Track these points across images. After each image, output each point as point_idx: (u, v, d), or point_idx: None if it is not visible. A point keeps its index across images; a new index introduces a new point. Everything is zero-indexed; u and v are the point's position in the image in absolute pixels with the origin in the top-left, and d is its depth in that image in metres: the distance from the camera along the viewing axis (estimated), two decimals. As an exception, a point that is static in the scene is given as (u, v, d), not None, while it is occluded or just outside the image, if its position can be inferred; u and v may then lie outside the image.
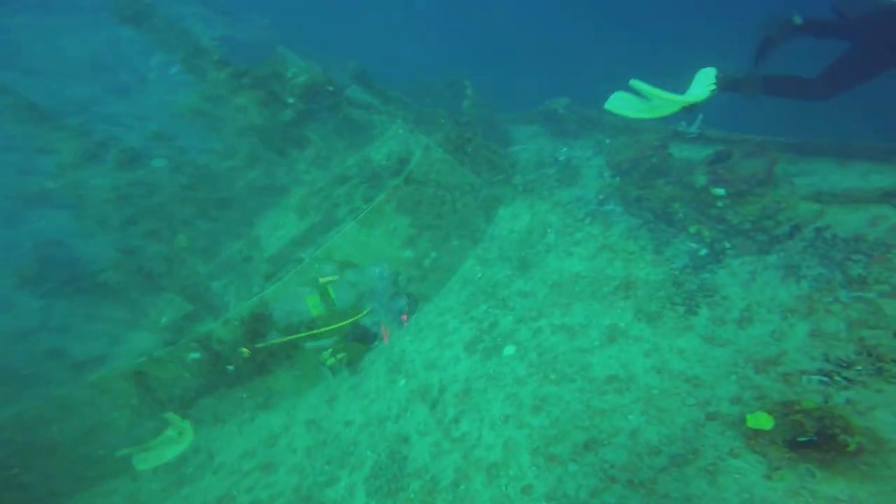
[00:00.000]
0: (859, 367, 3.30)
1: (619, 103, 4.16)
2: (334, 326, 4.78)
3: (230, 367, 5.62)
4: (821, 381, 3.39)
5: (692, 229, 4.77)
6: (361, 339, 4.99)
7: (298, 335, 4.88)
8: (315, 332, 4.85)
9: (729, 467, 3.33)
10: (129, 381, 5.58)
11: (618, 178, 5.78)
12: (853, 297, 3.62)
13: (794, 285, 4.00)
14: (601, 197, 6.17)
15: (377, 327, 4.89)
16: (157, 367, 5.63)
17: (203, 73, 10.02)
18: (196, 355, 5.54)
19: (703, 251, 4.78)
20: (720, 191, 4.11)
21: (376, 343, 4.99)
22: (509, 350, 5.10)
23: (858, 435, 2.90)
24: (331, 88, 10.32)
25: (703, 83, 3.90)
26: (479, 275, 6.18)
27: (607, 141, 6.67)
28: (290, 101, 10.09)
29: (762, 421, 3.25)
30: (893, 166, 4.12)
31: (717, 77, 3.91)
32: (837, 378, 3.34)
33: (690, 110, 3.95)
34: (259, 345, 5.03)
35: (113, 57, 15.53)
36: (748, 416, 3.31)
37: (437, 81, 9.45)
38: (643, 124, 6.48)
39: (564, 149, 7.36)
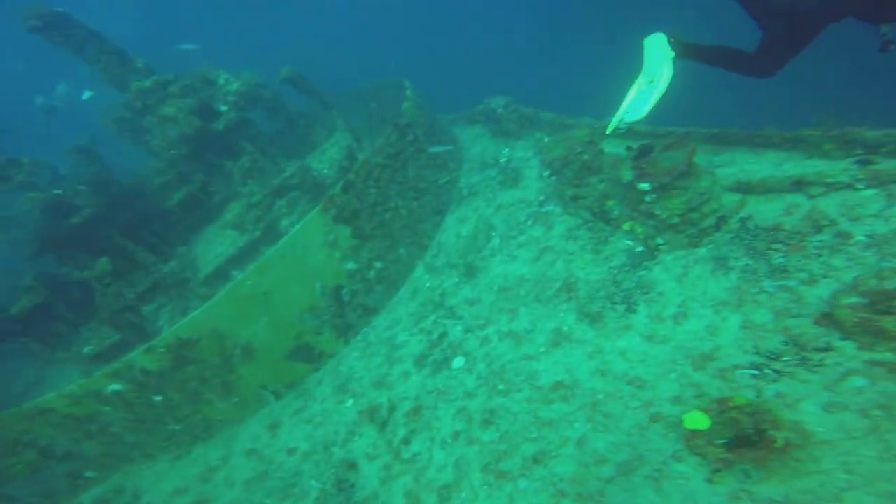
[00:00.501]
0: (786, 358, 3.35)
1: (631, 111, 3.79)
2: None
3: (157, 398, 5.21)
4: (752, 375, 3.42)
5: (626, 227, 4.78)
6: (307, 358, 4.73)
7: None
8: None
9: (673, 472, 3.32)
10: (32, 422, 5.06)
11: (554, 178, 5.75)
12: (777, 287, 3.69)
13: (723, 278, 4.06)
14: (542, 198, 6.13)
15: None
16: (71, 403, 5.14)
17: (125, 84, 9.33)
18: (117, 387, 5.09)
19: (640, 248, 4.79)
20: (645, 185, 4.10)
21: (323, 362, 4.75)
22: (458, 362, 4.97)
23: (785, 429, 2.92)
24: (266, 95, 9.87)
25: (658, 55, 3.62)
26: (428, 283, 6.02)
27: (546, 139, 6.65)
28: (223, 109, 9.58)
29: (698, 421, 3.24)
30: (802, 154, 4.23)
31: (670, 43, 3.68)
32: (767, 371, 3.39)
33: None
34: None
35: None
36: (685, 417, 3.30)
37: (380, 85, 9.19)
38: (579, 121, 6.50)
39: (506, 149, 7.30)
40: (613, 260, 4.95)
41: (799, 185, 3.97)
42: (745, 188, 4.30)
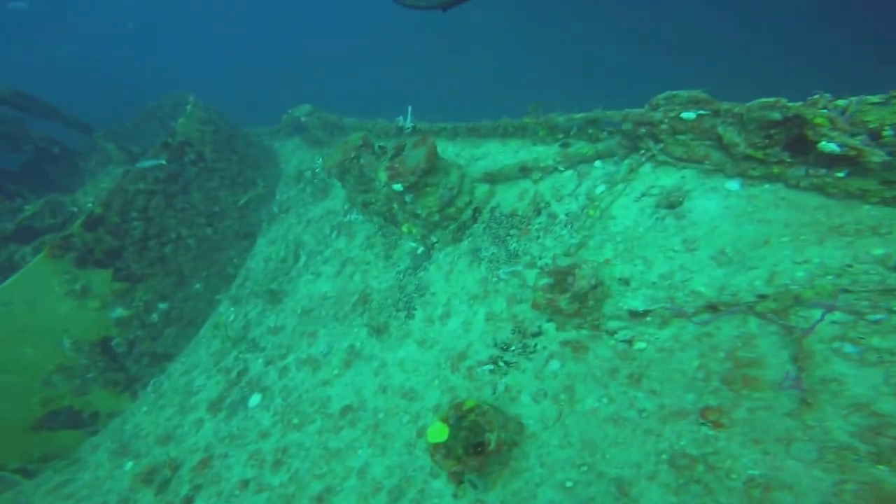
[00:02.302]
0: (514, 348, 3.33)
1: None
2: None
3: None
4: (490, 371, 3.37)
5: (404, 228, 4.61)
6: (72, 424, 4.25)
7: None
8: None
9: (431, 491, 3.28)
10: None
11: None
12: (509, 273, 3.65)
13: (476, 269, 4.00)
14: (346, 206, 5.87)
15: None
16: None
17: None
18: None
19: (421, 249, 4.66)
20: (397, 186, 3.93)
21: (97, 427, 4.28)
22: (255, 399, 4.70)
23: (497, 429, 2.86)
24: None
25: None
26: (232, 317, 5.65)
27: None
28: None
29: (439, 433, 3.14)
30: (530, 141, 4.22)
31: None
32: (501, 363, 3.35)
33: None
34: None
35: None
36: (428, 430, 3.19)
37: (163, 103, 8.43)
38: (376, 123, 6.22)
39: (319, 159, 6.95)
40: (400, 264, 4.81)
41: (524, 171, 3.96)
42: (491, 178, 4.26)
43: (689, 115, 2.83)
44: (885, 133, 2.27)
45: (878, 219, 2.38)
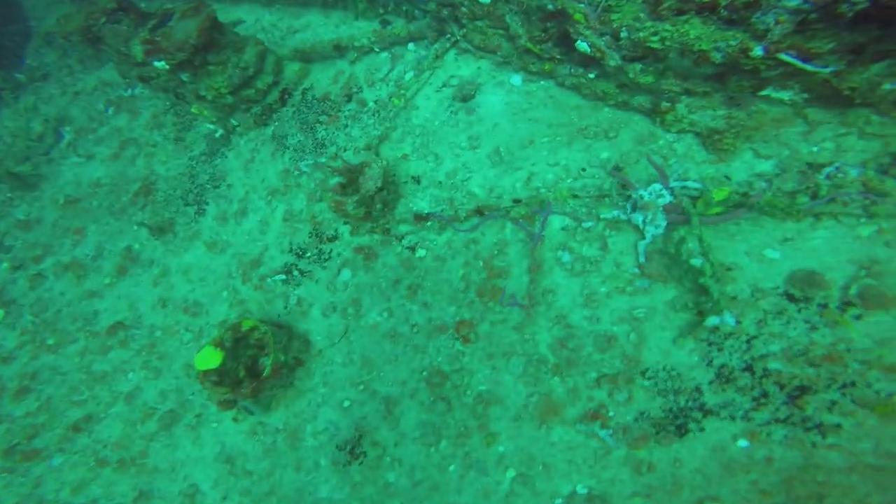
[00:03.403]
0: (309, 254, 2.88)
1: None
2: None
3: None
4: (283, 281, 2.88)
5: (194, 109, 3.61)
6: None
7: None
8: None
9: (210, 416, 2.92)
10: None
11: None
12: (312, 166, 3.06)
13: (280, 159, 3.33)
14: (128, 80, 4.51)
15: None
16: None
17: None
18: None
19: (219, 132, 3.74)
20: (160, 63, 2.93)
21: None
22: (-4, 318, 3.66)
23: (275, 353, 2.44)
24: None
25: None
26: None
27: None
28: None
29: (210, 359, 2.62)
30: (346, 13, 3.46)
31: None
32: (295, 273, 2.88)
33: None
34: None
35: None
36: (196, 356, 2.64)
37: None
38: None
39: None
40: (194, 148, 3.85)
41: (338, 49, 3.25)
42: (304, 56, 3.45)
43: None
44: (621, 35, 2.09)
45: (611, 122, 2.35)
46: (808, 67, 1.76)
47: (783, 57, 1.70)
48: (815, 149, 1.78)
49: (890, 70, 1.59)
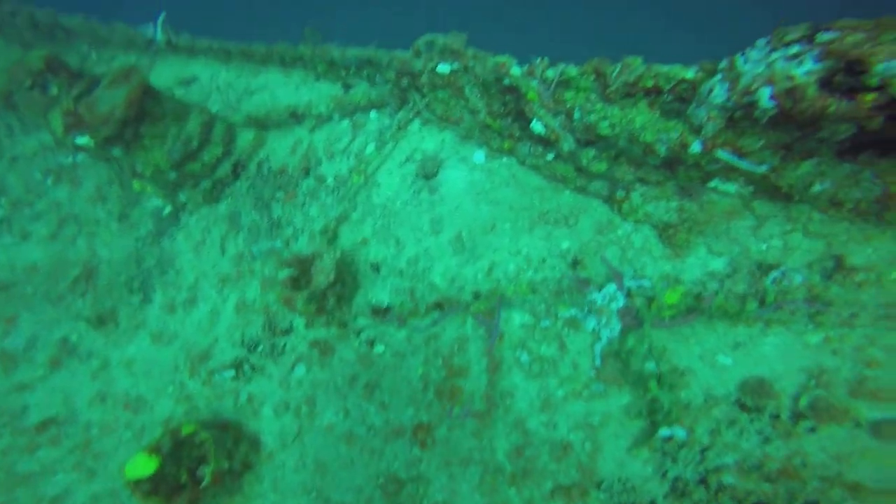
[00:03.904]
0: (261, 347, 2.73)
1: None
2: None
3: None
4: (233, 377, 2.71)
5: (136, 185, 3.46)
6: None
7: None
8: None
9: None
10: None
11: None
12: (266, 250, 2.95)
13: (233, 241, 3.19)
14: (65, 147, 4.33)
15: None
16: None
17: None
18: None
19: (168, 209, 3.59)
20: (83, 140, 2.78)
21: None
22: None
23: (216, 460, 2.26)
24: None
25: None
26: None
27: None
28: None
29: (142, 466, 2.40)
30: (308, 72, 3.39)
31: None
32: (246, 367, 2.73)
33: None
34: None
35: None
36: (127, 465, 2.42)
37: None
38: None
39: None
40: (141, 227, 3.67)
41: (296, 117, 3.14)
42: (259, 123, 3.33)
43: (444, 68, 2.35)
44: (575, 116, 2.08)
45: (572, 207, 2.31)
46: (744, 166, 1.82)
47: (720, 154, 1.76)
48: (763, 246, 1.83)
49: (818, 169, 1.67)
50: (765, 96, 1.43)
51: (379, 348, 2.47)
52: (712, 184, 1.88)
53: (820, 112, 1.34)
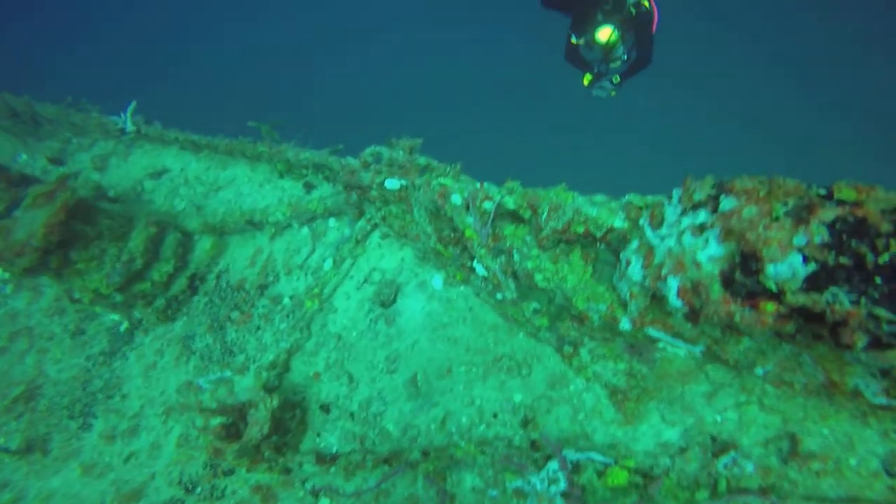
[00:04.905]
0: (200, 489, 2.49)
1: None
2: None
3: None
4: (162, 527, 2.43)
5: (84, 304, 3.33)
6: None
7: None
8: None
9: None
10: None
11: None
12: (214, 381, 2.78)
13: (184, 366, 3.06)
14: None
15: None
16: None
17: None
18: None
19: (125, 325, 3.47)
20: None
21: None
22: None
23: None
24: None
25: None
26: None
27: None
28: None
29: None
30: (273, 168, 3.40)
31: None
32: (176, 517, 2.43)
33: None
34: None
35: None
36: None
37: None
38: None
39: (23, 156, 5.10)
40: (94, 345, 3.52)
41: (253, 224, 3.10)
42: (215, 230, 3.28)
43: (392, 184, 2.31)
44: (514, 258, 2.04)
45: (525, 353, 2.23)
46: (679, 346, 1.78)
47: (650, 333, 1.73)
48: (718, 418, 1.76)
49: (759, 347, 1.63)
50: (672, 292, 1.43)
51: (324, 502, 2.26)
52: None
53: (727, 319, 1.32)
